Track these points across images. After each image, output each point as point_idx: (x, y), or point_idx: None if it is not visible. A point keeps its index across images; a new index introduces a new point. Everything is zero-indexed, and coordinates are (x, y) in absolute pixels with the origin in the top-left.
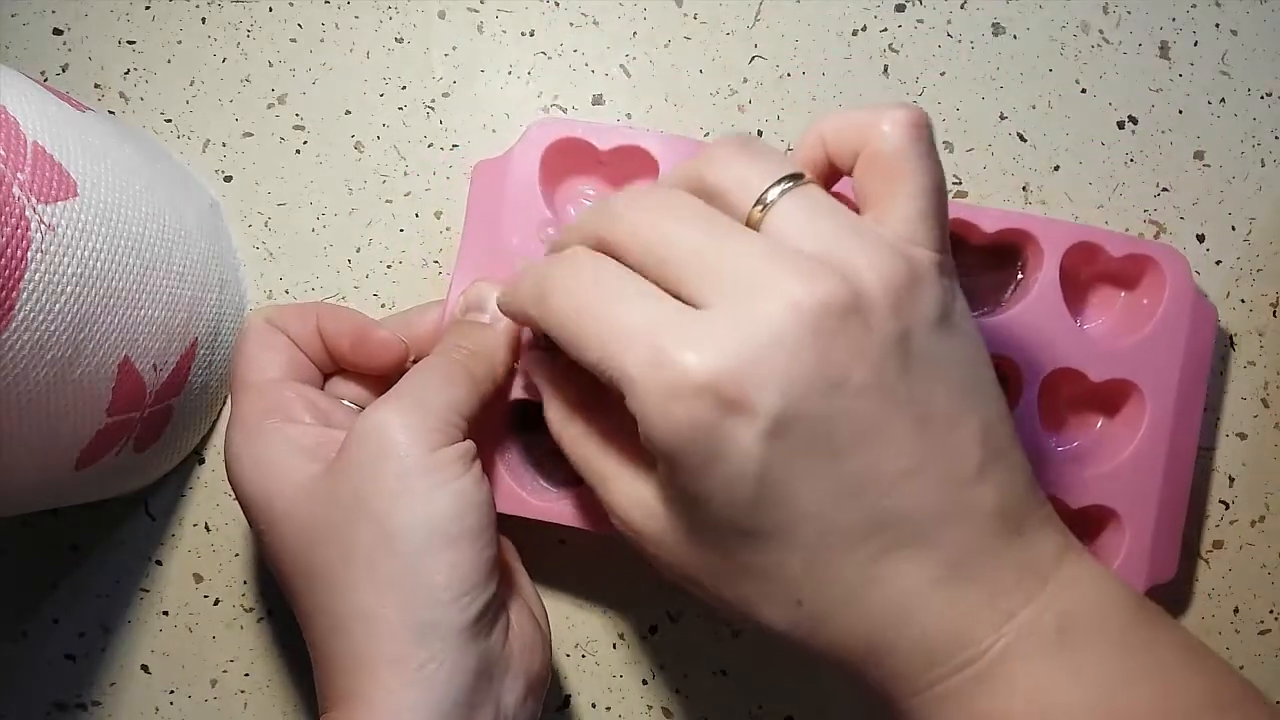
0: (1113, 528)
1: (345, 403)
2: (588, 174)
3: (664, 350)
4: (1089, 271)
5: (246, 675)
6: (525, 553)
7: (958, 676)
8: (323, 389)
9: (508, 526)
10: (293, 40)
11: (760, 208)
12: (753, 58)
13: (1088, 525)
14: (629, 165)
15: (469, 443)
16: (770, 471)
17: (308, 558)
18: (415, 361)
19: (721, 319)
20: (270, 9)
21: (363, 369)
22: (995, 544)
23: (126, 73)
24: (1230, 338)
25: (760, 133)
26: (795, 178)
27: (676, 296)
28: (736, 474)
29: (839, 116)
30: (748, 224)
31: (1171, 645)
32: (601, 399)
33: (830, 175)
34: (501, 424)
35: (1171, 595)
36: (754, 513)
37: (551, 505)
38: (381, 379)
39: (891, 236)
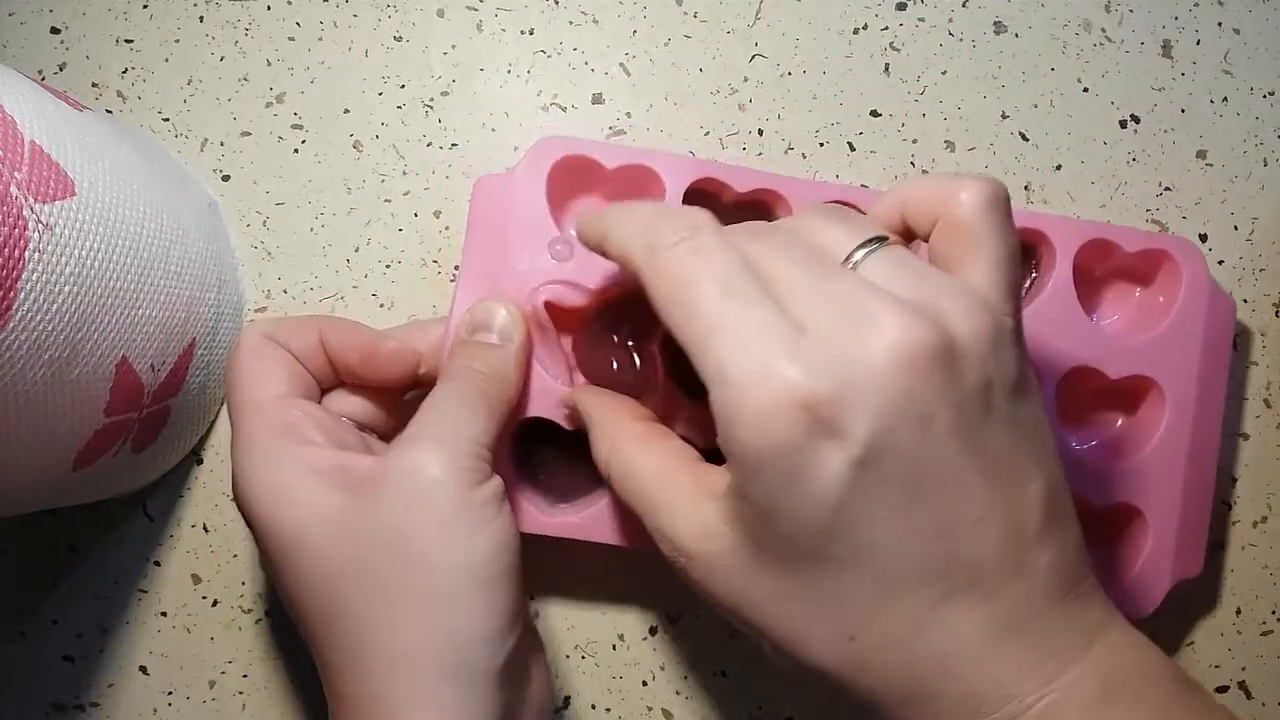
0: (1137, 525)
1: (344, 420)
2: (592, 191)
3: (771, 360)
4: (1103, 268)
5: (245, 676)
6: (524, 555)
7: None
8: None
9: None
10: (291, 39)
11: (851, 264)
12: (753, 56)
13: (1111, 523)
14: (634, 183)
15: (498, 480)
16: (852, 500)
17: (331, 594)
18: (425, 374)
19: (825, 344)
20: (268, 7)
21: (371, 382)
22: (1048, 605)
23: (124, 71)
24: (1233, 338)
25: (760, 132)
26: (882, 239)
27: None
28: (817, 496)
29: (919, 183)
30: None
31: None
32: (651, 427)
33: (906, 239)
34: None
35: (1173, 596)
36: (826, 539)
37: (570, 521)
38: (384, 392)
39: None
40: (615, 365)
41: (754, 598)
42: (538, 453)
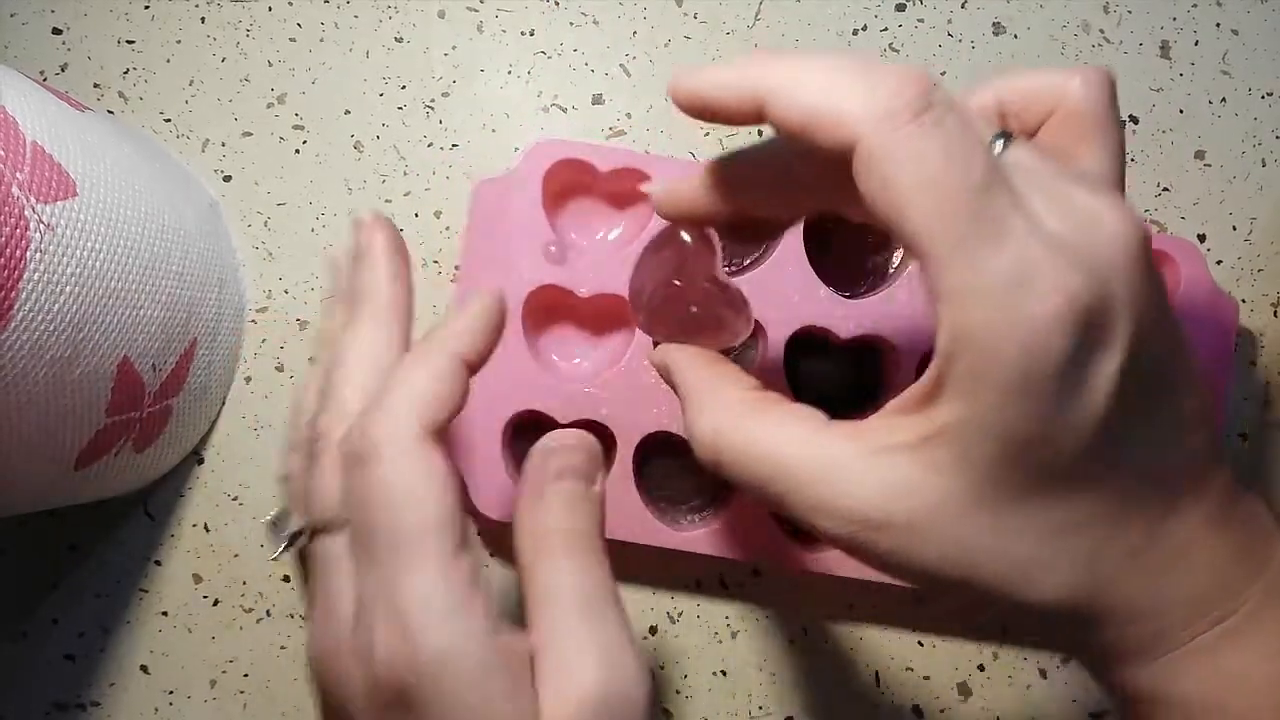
0: None
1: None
2: (588, 193)
3: (1046, 265)
4: None
5: (246, 676)
6: None
7: (1213, 631)
8: None
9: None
10: (292, 40)
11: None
12: None
13: None
14: (628, 185)
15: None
16: (1116, 409)
17: None
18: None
19: (1077, 244)
20: (270, 9)
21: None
22: (1237, 495)
23: (126, 72)
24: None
25: (760, 133)
26: (1008, 135)
27: None
28: (1090, 413)
29: (1023, 76)
30: None
31: None
32: (763, 395)
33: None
34: (504, 442)
35: None
36: (1084, 458)
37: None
38: None
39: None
40: (693, 308)
41: (971, 548)
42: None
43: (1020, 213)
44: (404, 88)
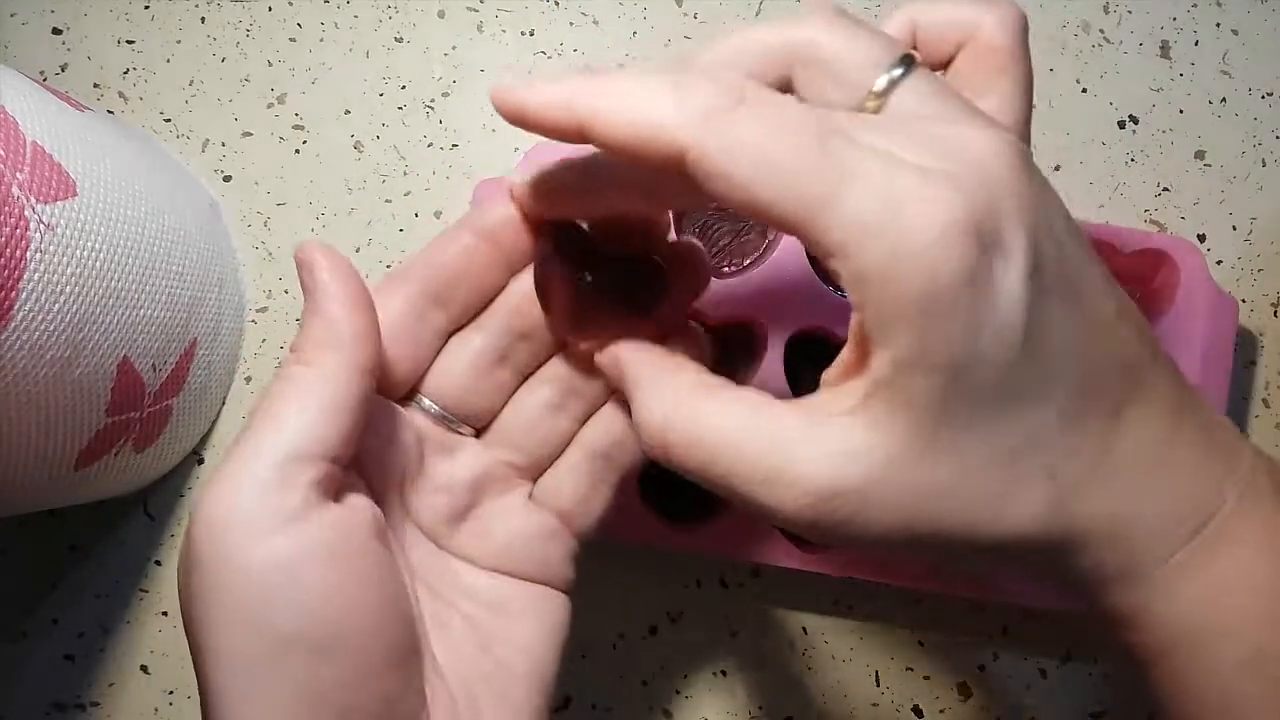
0: None
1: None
2: None
3: (917, 190)
4: None
5: None
6: None
7: (1194, 541)
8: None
9: None
10: (292, 40)
11: (882, 88)
12: None
13: None
14: None
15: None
16: (1034, 315)
17: None
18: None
19: (945, 165)
20: (270, 9)
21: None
22: (1189, 394)
23: (126, 72)
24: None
25: None
26: (910, 60)
27: None
28: (1007, 322)
29: (936, 7)
30: (865, 105)
31: None
32: (710, 377)
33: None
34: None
35: None
36: (1018, 371)
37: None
38: None
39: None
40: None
41: (932, 495)
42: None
43: (870, 153)
44: (404, 88)
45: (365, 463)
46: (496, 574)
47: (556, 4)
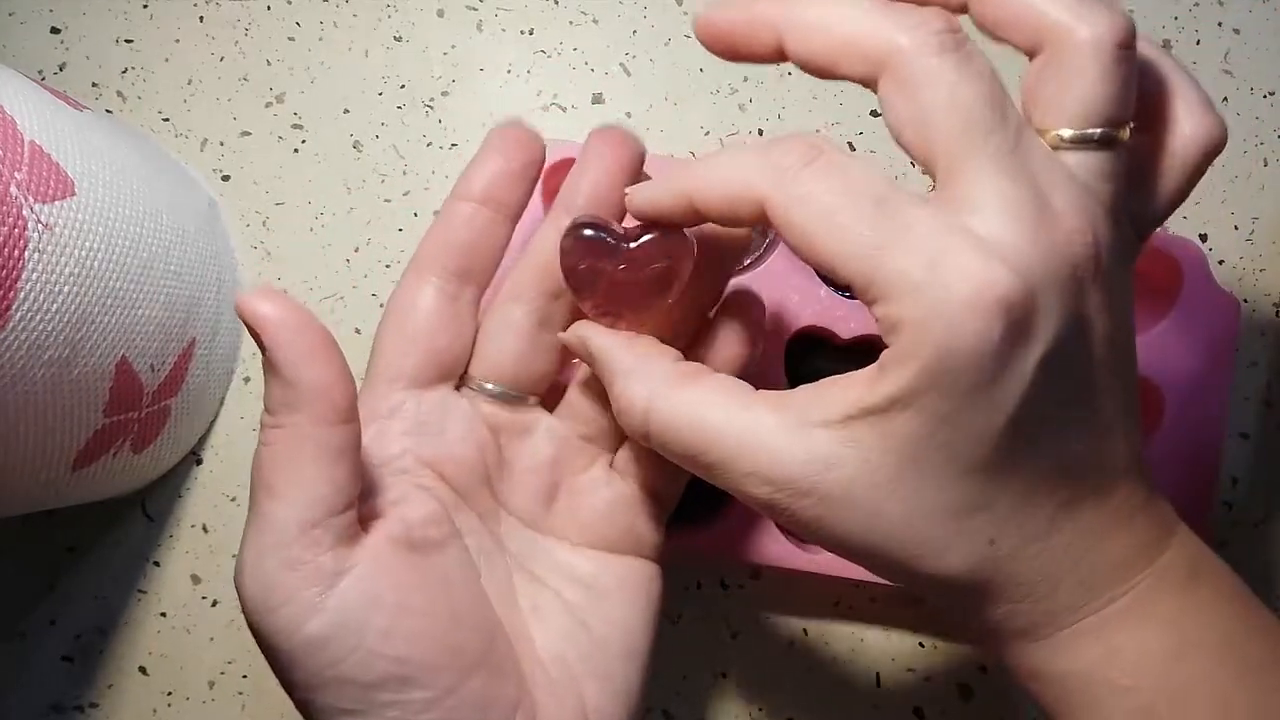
0: None
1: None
2: None
3: (962, 257)
4: None
5: (244, 677)
6: None
7: (1105, 611)
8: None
9: None
10: (291, 39)
11: (1066, 139)
12: None
13: None
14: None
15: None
16: (1031, 403)
17: None
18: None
19: (1004, 236)
20: (268, 8)
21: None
22: (1147, 500)
23: (124, 71)
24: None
25: (760, 132)
26: (1112, 142)
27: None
28: (1004, 399)
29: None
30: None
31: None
32: (690, 365)
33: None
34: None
35: None
36: (994, 442)
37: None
38: None
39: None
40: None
41: (882, 520)
42: None
43: (925, 215)
44: (403, 87)
45: (446, 466)
46: (588, 550)
47: (556, 3)
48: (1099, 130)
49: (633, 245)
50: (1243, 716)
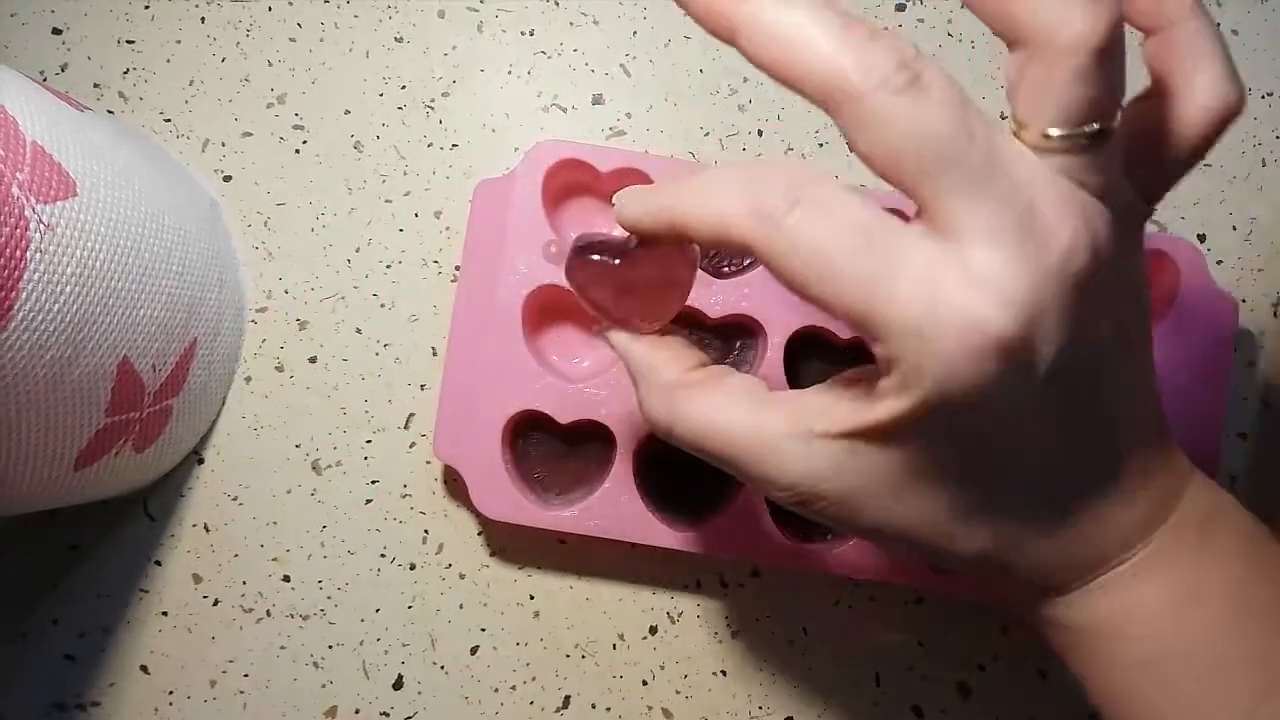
0: None
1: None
2: (588, 193)
3: (955, 299)
4: None
5: (246, 676)
6: (525, 554)
7: (1119, 568)
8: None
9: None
10: (292, 40)
11: (1054, 136)
12: None
13: None
14: (628, 185)
15: None
16: (1031, 421)
17: None
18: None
19: (1000, 262)
20: (269, 8)
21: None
22: (1165, 455)
23: (126, 72)
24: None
25: (760, 132)
26: (1104, 136)
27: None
28: (1005, 422)
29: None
30: (1022, 134)
31: None
32: (710, 370)
33: None
34: (505, 440)
35: None
36: (999, 459)
37: (566, 515)
38: None
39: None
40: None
41: (897, 518)
42: (534, 448)
43: (918, 252)
44: (404, 88)
45: None
46: None
47: (556, 4)
48: (1085, 129)
49: (623, 265)
50: (1240, 662)
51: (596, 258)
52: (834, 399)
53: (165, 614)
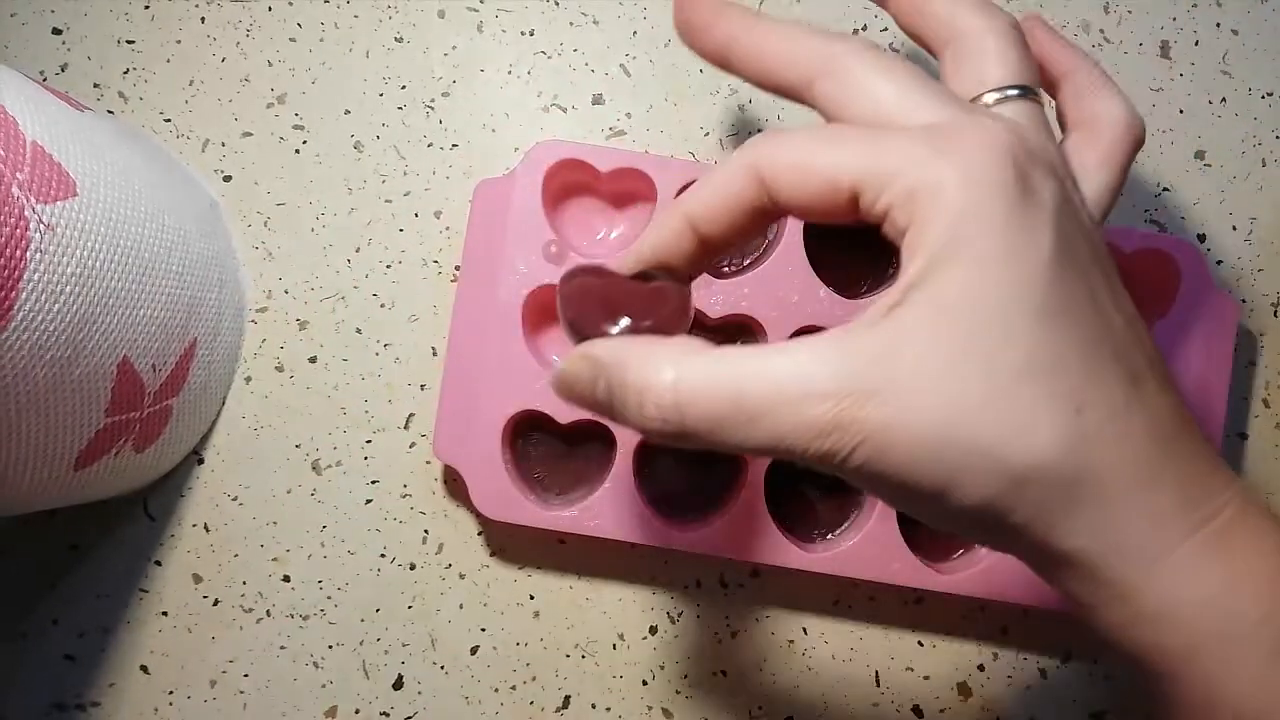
0: None
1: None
2: (588, 193)
3: (961, 121)
4: None
5: (245, 676)
6: (525, 554)
7: (1205, 529)
8: None
9: (520, 537)
10: (292, 40)
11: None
12: None
13: None
14: (628, 185)
15: None
16: (1064, 243)
17: None
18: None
19: (1000, 120)
20: (270, 8)
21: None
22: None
23: (126, 72)
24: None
25: (760, 131)
26: (1030, 91)
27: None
28: (1039, 238)
29: (1065, 51)
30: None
31: None
32: (693, 340)
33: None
34: (505, 440)
35: None
36: (1047, 285)
37: (566, 515)
38: None
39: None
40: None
41: (963, 399)
42: (535, 449)
43: (937, 94)
44: (404, 88)
45: None
46: None
47: (556, 4)
48: (1015, 88)
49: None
50: None
51: (593, 278)
52: (859, 310)
53: (165, 614)
